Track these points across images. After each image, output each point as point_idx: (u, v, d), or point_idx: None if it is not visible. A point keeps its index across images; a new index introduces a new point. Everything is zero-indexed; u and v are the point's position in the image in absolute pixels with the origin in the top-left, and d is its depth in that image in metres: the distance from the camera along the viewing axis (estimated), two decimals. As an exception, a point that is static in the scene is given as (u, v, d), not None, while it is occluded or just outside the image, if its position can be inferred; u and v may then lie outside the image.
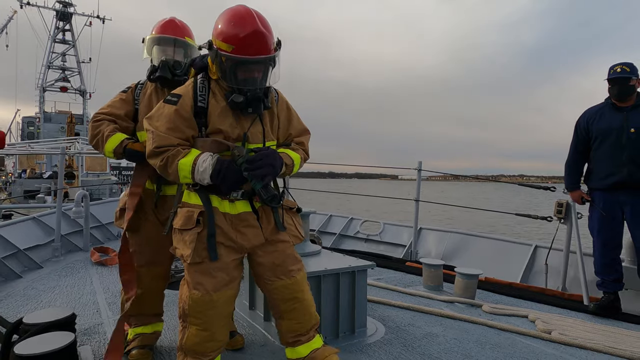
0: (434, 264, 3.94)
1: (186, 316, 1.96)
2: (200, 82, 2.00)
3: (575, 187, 3.74)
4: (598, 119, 3.49)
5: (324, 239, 6.18)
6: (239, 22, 1.85)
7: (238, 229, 2.00)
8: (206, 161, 1.87)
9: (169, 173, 1.92)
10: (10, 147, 16.93)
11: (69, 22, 29.59)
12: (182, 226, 1.96)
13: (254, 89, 1.93)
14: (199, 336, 1.95)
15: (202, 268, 1.93)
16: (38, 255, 4.80)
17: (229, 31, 1.85)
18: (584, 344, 2.72)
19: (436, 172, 6.54)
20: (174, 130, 1.92)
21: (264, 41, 1.88)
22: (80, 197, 5.35)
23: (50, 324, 2.17)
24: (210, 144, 1.94)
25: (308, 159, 2.28)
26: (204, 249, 1.93)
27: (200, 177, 1.88)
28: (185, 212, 1.98)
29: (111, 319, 3.02)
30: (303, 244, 3.04)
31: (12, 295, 3.61)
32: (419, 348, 2.62)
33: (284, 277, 2.08)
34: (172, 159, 1.89)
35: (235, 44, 1.84)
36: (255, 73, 1.93)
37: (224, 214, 1.99)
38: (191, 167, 1.87)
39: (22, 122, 28.29)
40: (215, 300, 1.94)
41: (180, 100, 1.95)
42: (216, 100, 1.98)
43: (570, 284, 4.03)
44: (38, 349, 1.89)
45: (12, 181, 17.82)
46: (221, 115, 1.97)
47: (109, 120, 2.36)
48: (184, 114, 1.94)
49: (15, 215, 11.49)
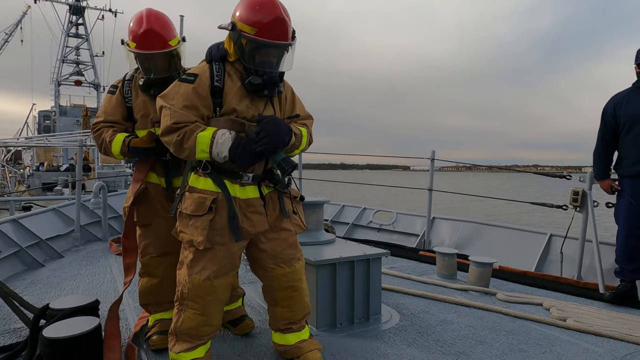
0: (447, 253, 3.95)
1: (184, 299, 2.00)
2: (216, 64, 2.03)
3: (605, 176, 3.62)
4: (625, 104, 3.40)
5: (337, 229, 6.21)
6: (264, 8, 1.90)
7: (245, 214, 2.03)
8: (225, 134, 1.91)
9: (184, 148, 1.91)
10: (28, 141, 17.29)
11: (81, 16, 29.84)
12: (193, 212, 1.97)
13: (271, 72, 1.98)
14: (195, 320, 2.00)
15: (210, 254, 1.98)
16: (59, 244, 4.94)
17: (253, 15, 1.89)
18: (600, 331, 2.72)
19: (449, 161, 6.52)
20: (190, 108, 1.94)
21: (285, 27, 1.93)
22: (98, 189, 5.47)
23: (76, 309, 2.26)
24: (224, 123, 1.96)
25: (312, 142, 2.29)
26: (216, 235, 1.97)
27: (218, 150, 1.89)
28: (196, 197, 1.98)
29: (131, 305, 3.11)
30: (318, 232, 3.09)
31: (36, 283, 3.74)
32: (434, 334, 2.65)
33: (284, 265, 2.14)
34: (190, 133, 1.89)
35: (259, 28, 1.88)
36: (272, 57, 1.97)
37: (234, 198, 2.02)
38: (210, 139, 1.89)
39: (39, 115, 28.76)
40: (216, 286, 2.00)
41: (197, 79, 1.97)
42: (232, 81, 2.01)
43: (586, 273, 4.01)
44: (65, 333, 1.97)
45: (30, 174, 18.21)
46: (237, 96, 2.00)
47: (107, 127, 2.42)
48: (202, 93, 1.96)
49: (34, 207, 11.76)
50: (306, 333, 2.27)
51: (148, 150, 2.34)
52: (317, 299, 2.63)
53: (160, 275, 2.45)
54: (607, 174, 3.64)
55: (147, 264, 2.47)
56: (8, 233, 4.32)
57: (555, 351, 2.46)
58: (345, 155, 27.82)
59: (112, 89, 2.50)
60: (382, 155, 14.16)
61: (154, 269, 2.46)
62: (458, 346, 2.48)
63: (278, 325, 2.24)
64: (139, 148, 2.33)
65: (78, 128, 23.90)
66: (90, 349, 2.02)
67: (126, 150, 2.35)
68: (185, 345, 2.02)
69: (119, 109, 2.45)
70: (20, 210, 11.30)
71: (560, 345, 2.54)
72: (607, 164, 3.63)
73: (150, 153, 2.36)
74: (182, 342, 2.03)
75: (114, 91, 2.48)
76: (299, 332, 2.24)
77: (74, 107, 29.22)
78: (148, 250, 2.45)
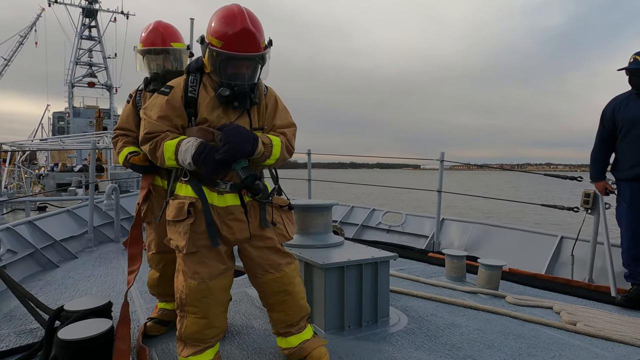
0: (456, 255, 3.94)
1: (184, 305, 2.05)
2: (192, 75, 2.11)
3: (600, 178, 3.66)
4: (624, 107, 3.40)
5: (346, 230, 6.23)
6: (230, 20, 1.94)
7: (225, 221, 2.07)
8: (189, 142, 1.98)
9: (156, 157, 2.04)
10: (42, 142, 17.59)
11: (94, 19, 30.25)
12: (175, 217, 2.04)
13: (242, 85, 2.02)
14: (197, 324, 2.05)
15: (197, 257, 2.04)
16: (72, 246, 5.04)
17: (220, 28, 1.94)
18: (610, 335, 2.69)
19: (458, 162, 6.48)
20: (164, 119, 2.04)
21: (252, 39, 1.95)
22: (110, 190, 5.56)
23: (89, 311, 2.31)
24: (196, 132, 2.03)
25: (292, 150, 2.25)
26: (199, 239, 2.02)
27: (182, 158, 1.97)
28: (176, 203, 2.06)
29: (144, 307, 3.17)
30: (326, 235, 3.11)
31: (51, 284, 3.82)
32: (442, 338, 2.65)
33: (273, 270, 2.16)
34: (160, 142, 2.01)
35: (224, 41, 1.93)
36: (243, 69, 2.01)
37: (212, 206, 2.06)
38: (175, 147, 1.98)
39: (53, 117, 29.25)
40: (212, 287, 2.04)
41: (171, 91, 2.08)
42: (206, 92, 2.08)
43: (598, 276, 3.97)
44: (80, 335, 2.03)
45: (45, 174, 18.53)
46: (209, 106, 2.06)
47: (122, 135, 2.64)
48: (175, 104, 2.05)
49: (49, 207, 11.98)
50: (308, 333, 2.30)
51: (144, 168, 2.54)
52: (325, 302, 2.65)
53: (160, 271, 2.66)
54: (603, 175, 3.66)
55: (151, 259, 2.68)
56: (24, 234, 4.42)
57: (564, 356, 2.44)
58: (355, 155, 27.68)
59: (128, 99, 2.70)
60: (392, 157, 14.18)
61: (155, 264, 2.67)
62: (466, 350, 2.49)
63: (278, 330, 2.29)
64: (134, 165, 2.54)
65: (91, 129, 24.22)
66: (103, 351, 2.06)
67: (127, 165, 2.57)
68: (193, 349, 2.07)
69: (131, 117, 2.64)
70: (35, 210, 11.53)
71: (570, 349, 2.53)
72: (603, 165, 3.65)
73: (145, 170, 2.56)
74: (189, 347, 2.08)
75: (129, 100, 2.68)
76: (299, 333, 2.27)
77: (87, 109, 29.66)
78: (151, 246, 2.66)
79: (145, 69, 2.65)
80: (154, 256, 2.65)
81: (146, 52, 2.61)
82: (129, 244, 2.56)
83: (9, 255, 4.04)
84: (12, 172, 16.50)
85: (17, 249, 4.22)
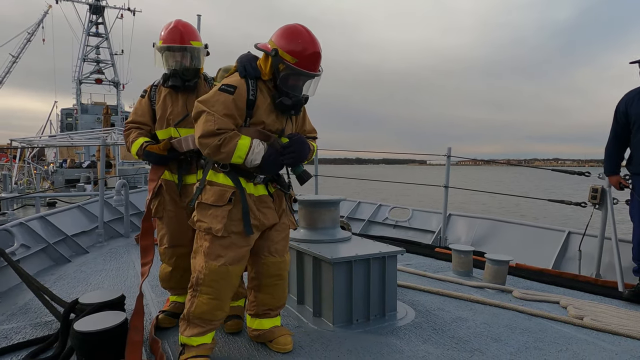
0: (463, 250, 3.96)
1: (199, 285, 2.17)
2: (251, 80, 2.25)
3: (614, 172, 3.66)
4: (637, 102, 3.38)
5: (353, 225, 6.26)
6: (305, 42, 2.17)
7: (259, 208, 2.28)
8: (260, 145, 2.17)
9: (221, 152, 2.11)
10: (51, 139, 17.78)
11: (101, 15, 30.34)
12: (214, 202, 2.18)
13: (299, 96, 2.26)
14: (209, 304, 2.17)
15: (226, 242, 2.17)
16: (84, 241, 5.12)
17: (295, 47, 2.15)
18: (617, 330, 2.71)
19: (465, 157, 6.46)
20: (230, 117, 2.15)
21: (319, 61, 2.22)
22: (120, 186, 5.64)
23: (104, 304, 2.37)
24: (253, 132, 2.20)
25: None
26: (232, 225, 2.17)
27: (253, 158, 2.14)
28: (217, 190, 2.20)
29: (155, 300, 3.23)
30: (334, 230, 3.15)
31: (64, 278, 3.90)
32: (449, 331, 2.68)
33: (277, 254, 2.37)
34: (230, 139, 2.11)
35: (299, 58, 2.15)
36: (301, 83, 2.26)
37: (249, 195, 2.25)
38: (248, 148, 2.13)
39: (61, 113, 29.43)
40: (231, 272, 2.19)
41: (236, 91, 2.19)
42: (264, 97, 2.25)
43: (605, 271, 3.97)
44: (95, 326, 2.08)
45: (54, 170, 18.72)
46: (266, 111, 2.25)
47: (135, 128, 2.73)
48: (239, 104, 2.18)
49: (58, 203, 12.12)
50: (278, 321, 2.49)
51: (160, 157, 2.61)
52: (333, 296, 2.69)
53: (172, 265, 2.71)
54: (617, 170, 3.65)
55: (163, 253, 2.72)
56: (37, 230, 4.50)
57: (571, 350, 2.46)
58: (361, 150, 27.74)
59: (142, 93, 2.79)
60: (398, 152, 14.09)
61: (167, 258, 2.72)
62: (473, 343, 2.51)
63: (257, 311, 2.43)
64: (152, 153, 2.60)
65: (99, 125, 24.40)
66: (118, 342, 2.12)
67: (141, 153, 2.63)
68: (197, 329, 2.18)
69: (147, 110, 2.74)
70: (45, 205, 11.67)
71: (576, 343, 2.55)
72: (617, 160, 3.64)
73: (161, 160, 2.63)
74: (193, 327, 2.19)
75: (144, 95, 2.77)
76: (274, 318, 2.46)
77: (94, 105, 29.81)
78: (163, 241, 2.71)
79: (164, 65, 2.72)
80: (166, 250, 2.69)
81: (166, 49, 2.68)
82: (140, 236, 2.65)
83: (22, 250, 4.12)
84: (22, 168, 16.70)
85: (30, 243, 4.30)
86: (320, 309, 2.85)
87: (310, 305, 2.93)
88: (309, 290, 2.94)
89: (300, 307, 3.01)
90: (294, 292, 3.12)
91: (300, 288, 3.07)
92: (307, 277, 2.97)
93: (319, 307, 2.86)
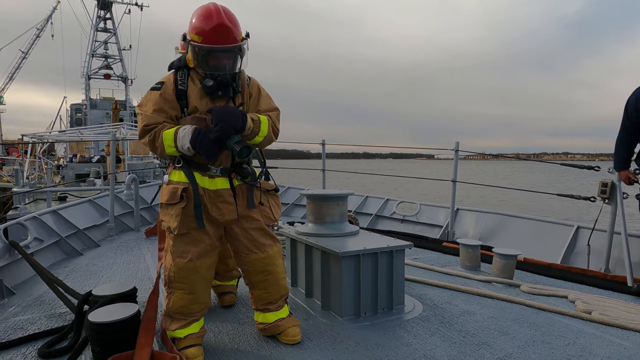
0: (471, 244, 3.97)
1: (172, 282, 2.25)
2: (180, 71, 2.30)
3: (623, 167, 3.64)
4: None
5: (360, 220, 6.28)
6: (207, 17, 2.14)
7: (215, 203, 2.26)
8: (185, 129, 2.16)
9: (156, 147, 2.19)
10: (61, 134, 17.96)
11: (109, 11, 30.45)
12: (168, 201, 2.23)
13: (224, 75, 2.20)
14: (184, 299, 2.25)
15: (187, 238, 2.23)
16: (95, 234, 5.20)
17: (199, 25, 2.15)
18: (626, 324, 2.70)
19: (473, 151, 6.44)
20: (159, 111, 2.22)
21: (228, 33, 2.16)
22: (130, 181, 5.70)
23: (117, 296, 2.41)
24: (190, 120, 2.22)
25: (278, 131, 2.43)
26: (190, 221, 2.21)
27: (181, 144, 2.14)
28: (170, 188, 2.25)
29: (165, 292, 3.27)
30: (342, 224, 3.16)
31: (76, 271, 3.97)
32: (456, 325, 2.70)
33: (257, 250, 2.34)
34: (159, 132, 2.18)
35: (204, 35, 2.14)
36: (224, 61, 2.21)
37: (203, 189, 2.25)
38: (173, 135, 2.16)
39: (70, 109, 29.67)
40: (199, 266, 2.24)
41: (163, 86, 2.26)
42: (194, 84, 2.28)
43: (614, 266, 3.95)
44: (109, 318, 2.12)
45: (65, 165, 18.93)
46: (197, 96, 2.26)
47: None
48: (167, 97, 2.24)
49: (69, 197, 12.27)
50: (285, 312, 2.48)
51: None
52: (342, 289, 2.72)
53: None
54: (627, 164, 3.63)
55: None
56: (49, 223, 4.58)
57: (579, 343, 2.47)
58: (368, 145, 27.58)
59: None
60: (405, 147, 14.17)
61: None
62: (480, 337, 2.53)
63: (257, 306, 2.47)
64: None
65: (108, 120, 24.57)
66: (131, 333, 2.16)
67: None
68: (180, 323, 2.27)
69: None
70: (56, 200, 11.82)
71: (584, 337, 2.55)
72: (627, 154, 3.62)
73: None
74: (176, 321, 2.27)
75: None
76: (277, 311, 2.45)
77: (103, 100, 30.02)
78: None
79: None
80: None
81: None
82: (158, 240, 2.64)
83: (36, 243, 4.20)
84: (33, 163, 16.90)
85: (43, 237, 4.38)
86: (329, 302, 2.88)
87: (318, 298, 2.96)
88: (318, 283, 2.97)
89: (309, 300, 3.04)
90: (302, 285, 3.16)
91: (308, 281, 3.11)
92: (316, 270, 3.00)
93: (327, 300, 2.89)
